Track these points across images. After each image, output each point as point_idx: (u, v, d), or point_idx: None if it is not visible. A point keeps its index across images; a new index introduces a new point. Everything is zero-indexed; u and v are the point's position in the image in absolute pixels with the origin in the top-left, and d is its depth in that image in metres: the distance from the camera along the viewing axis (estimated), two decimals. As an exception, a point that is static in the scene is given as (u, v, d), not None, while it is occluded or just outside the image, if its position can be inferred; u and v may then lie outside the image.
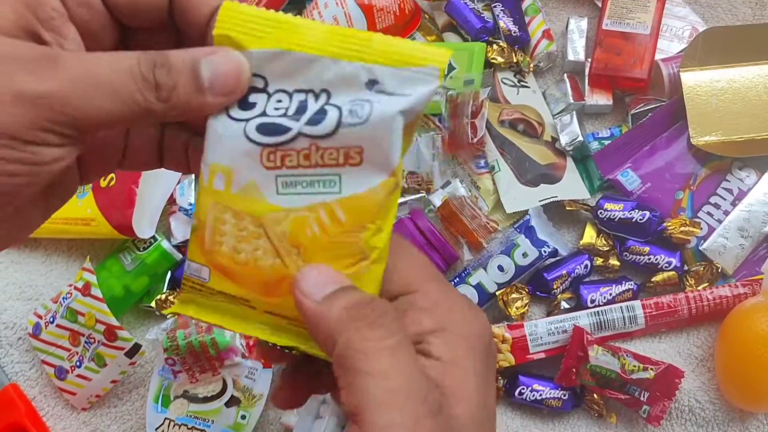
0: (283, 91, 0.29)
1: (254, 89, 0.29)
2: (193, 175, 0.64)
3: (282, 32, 0.28)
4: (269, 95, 0.29)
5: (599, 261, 0.64)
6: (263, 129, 0.28)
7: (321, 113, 0.28)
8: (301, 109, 0.28)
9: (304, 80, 0.28)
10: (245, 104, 0.29)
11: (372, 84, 0.28)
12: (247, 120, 0.29)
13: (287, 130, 0.28)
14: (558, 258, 0.64)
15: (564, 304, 0.63)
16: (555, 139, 0.67)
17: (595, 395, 0.60)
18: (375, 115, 0.28)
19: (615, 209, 0.63)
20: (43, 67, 0.26)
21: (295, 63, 0.28)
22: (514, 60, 0.69)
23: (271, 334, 0.30)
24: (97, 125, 0.27)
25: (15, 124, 0.25)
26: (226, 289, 0.30)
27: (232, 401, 0.62)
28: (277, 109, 0.28)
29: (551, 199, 0.63)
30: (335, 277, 0.28)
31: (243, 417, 0.61)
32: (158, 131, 0.33)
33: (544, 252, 0.63)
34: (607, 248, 0.64)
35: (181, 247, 0.66)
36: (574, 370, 0.60)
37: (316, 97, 0.28)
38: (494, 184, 0.65)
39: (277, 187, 0.29)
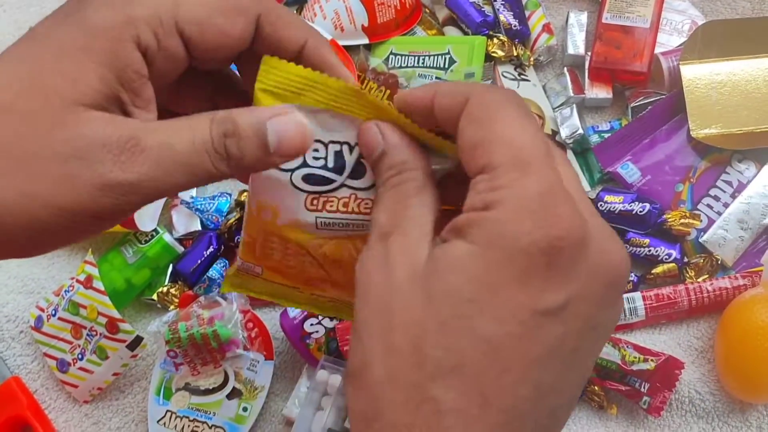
0: (320, 141, 0.31)
1: None
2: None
3: (317, 91, 0.30)
4: None
5: (599, 253, 0.64)
6: (309, 179, 0.31)
7: (360, 166, 0.31)
8: (339, 161, 0.31)
9: (338, 134, 0.31)
10: None
11: None
12: (293, 170, 0.31)
13: (331, 181, 0.31)
14: (558, 250, 0.64)
15: (564, 296, 0.63)
16: (555, 132, 0.67)
17: (595, 386, 0.60)
18: None
19: (615, 201, 0.63)
20: (127, 154, 0.27)
21: (330, 119, 0.31)
22: (515, 54, 0.69)
23: (316, 308, 0.37)
24: (170, 193, 0.29)
25: (97, 206, 0.27)
26: (278, 280, 0.35)
27: (234, 393, 0.62)
28: (316, 158, 0.31)
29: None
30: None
31: (244, 409, 0.62)
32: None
33: (545, 244, 0.63)
34: (608, 240, 0.64)
35: (183, 240, 0.66)
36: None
37: (351, 149, 0.31)
38: (495, 176, 0.65)
39: (317, 224, 0.32)
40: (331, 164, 0.31)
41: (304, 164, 0.31)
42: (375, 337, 0.26)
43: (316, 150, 0.31)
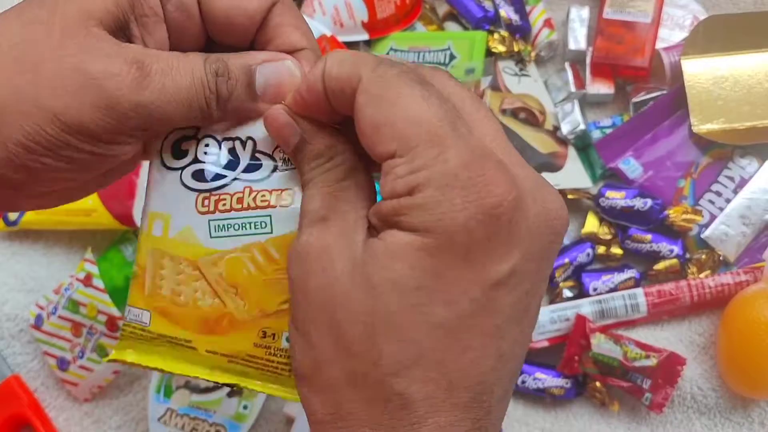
0: (212, 136, 0.30)
1: (185, 137, 0.31)
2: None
3: None
4: (198, 140, 0.30)
5: (601, 249, 0.64)
6: (199, 176, 0.30)
7: (256, 160, 0.30)
8: (233, 157, 0.30)
9: (232, 131, 0.30)
10: (178, 152, 0.30)
11: None
12: (183, 168, 0.30)
13: (223, 177, 0.30)
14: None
15: (566, 293, 0.63)
16: (556, 128, 0.67)
17: (597, 383, 0.60)
18: None
19: (617, 197, 0.63)
20: (134, 75, 0.28)
21: None
22: (515, 49, 0.69)
23: (210, 374, 0.31)
24: (164, 127, 0.30)
25: (100, 129, 0.28)
26: (167, 332, 0.31)
27: (234, 392, 0.62)
28: (207, 154, 0.30)
29: (553, 188, 0.63)
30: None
31: (245, 407, 0.61)
32: None
33: (546, 240, 0.62)
34: (609, 236, 0.64)
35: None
36: (576, 358, 0.60)
37: (244, 144, 0.30)
38: (496, 173, 0.65)
39: (210, 231, 0.30)
40: (224, 161, 0.30)
41: (195, 160, 0.30)
42: (323, 334, 0.26)
43: (207, 145, 0.30)
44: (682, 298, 0.61)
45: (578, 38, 0.69)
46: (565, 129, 0.66)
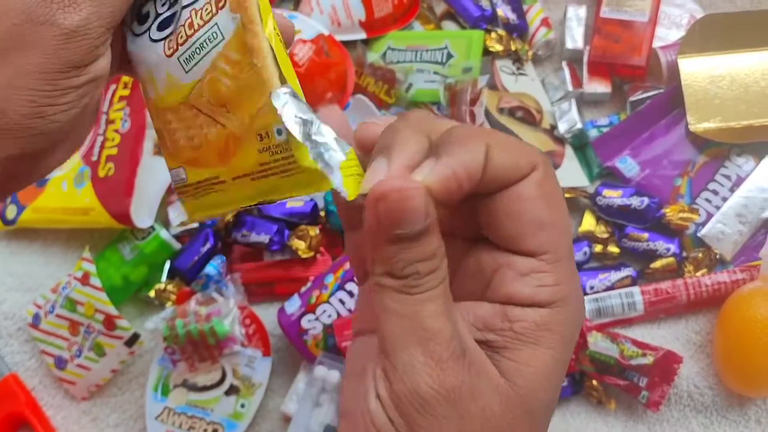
0: None
1: (144, 2, 0.32)
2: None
3: None
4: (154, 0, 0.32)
5: (598, 248, 0.64)
6: (161, 25, 0.31)
7: None
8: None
9: None
10: (141, 17, 0.32)
11: None
12: (149, 28, 0.31)
13: (174, 15, 0.31)
14: (557, 245, 0.64)
15: (563, 291, 0.63)
16: (554, 127, 0.67)
17: (594, 382, 0.60)
18: None
19: (614, 196, 0.63)
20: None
21: None
22: (513, 48, 0.69)
23: (248, 198, 0.31)
24: (118, 18, 0.30)
25: (75, 55, 0.28)
26: (200, 177, 0.32)
27: (232, 390, 0.62)
28: (164, 4, 0.31)
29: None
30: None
31: (242, 406, 0.61)
32: None
33: (543, 239, 0.63)
34: (606, 235, 0.64)
35: (180, 236, 0.66)
36: (573, 356, 0.60)
37: None
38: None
39: (183, 67, 0.30)
40: (173, 2, 0.31)
41: (157, 15, 0.31)
42: None
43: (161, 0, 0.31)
44: (679, 296, 0.61)
45: (575, 37, 0.69)
46: (562, 128, 0.66)
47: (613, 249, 0.64)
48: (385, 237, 0.24)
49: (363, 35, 0.70)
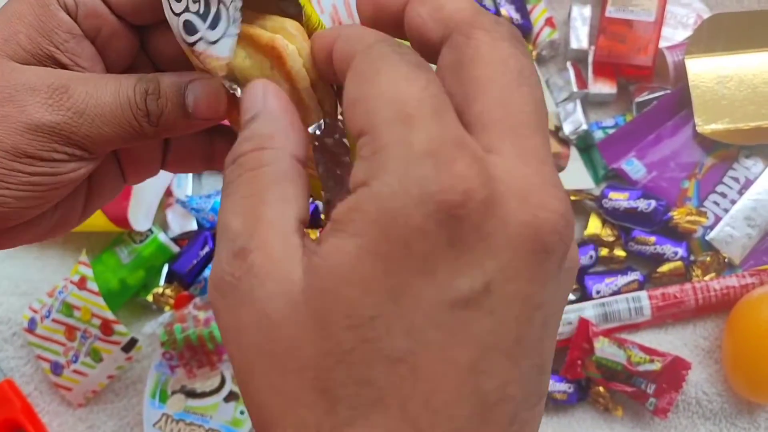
0: None
1: None
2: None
3: None
4: None
5: (604, 251, 0.63)
6: (186, 28, 0.28)
7: (218, 15, 0.27)
8: (206, 3, 0.27)
9: None
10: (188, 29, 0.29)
11: None
12: (179, 14, 0.28)
13: (197, 31, 0.28)
14: (562, 249, 0.63)
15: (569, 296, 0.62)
16: (558, 128, 0.66)
17: (600, 388, 0.59)
18: None
19: (620, 198, 0.62)
20: (55, 98, 0.29)
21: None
22: (516, 48, 0.68)
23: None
24: (101, 146, 0.30)
25: (30, 147, 0.29)
26: None
27: (231, 396, 0.61)
28: (195, 2, 0.28)
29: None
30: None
31: (242, 412, 0.61)
32: (205, 137, 0.35)
33: (548, 242, 0.62)
34: (613, 238, 0.63)
35: (178, 240, 0.65)
36: (579, 362, 0.59)
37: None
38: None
39: None
40: (202, 9, 0.28)
41: (187, 9, 0.28)
42: (265, 390, 0.22)
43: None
44: (687, 301, 0.60)
45: (580, 37, 0.68)
46: (567, 129, 0.65)
47: (620, 253, 0.63)
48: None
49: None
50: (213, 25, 0.27)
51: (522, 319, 0.21)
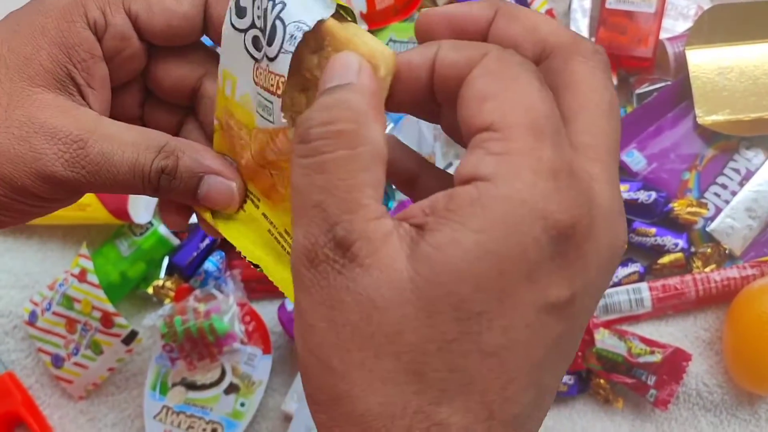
0: None
1: None
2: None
3: None
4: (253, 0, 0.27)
5: (604, 243, 0.63)
6: (256, 42, 0.27)
7: (273, 30, 0.26)
8: (264, 19, 0.26)
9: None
10: (240, 10, 0.28)
11: None
12: (245, 31, 0.28)
13: (262, 47, 0.27)
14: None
15: (569, 287, 0.62)
16: (558, 120, 0.66)
17: (601, 380, 0.59)
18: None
19: (621, 190, 0.61)
20: (71, 153, 0.30)
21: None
22: (517, 40, 0.68)
23: (250, 250, 0.31)
24: (106, 185, 0.31)
25: (38, 191, 0.30)
26: (247, 184, 0.32)
27: (231, 388, 0.61)
28: (259, 17, 0.27)
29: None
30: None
31: (242, 404, 0.60)
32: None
33: (549, 234, 0.61)
34: (613, 230, 0.63)
35: (179, 232, 0.65)
36: (579, 353, 0.59)
37: (274, 4, 0.26)
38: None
39: (255, 104, 0.28)
40: (262, 24, 0.27)
41: (252, 25, 0.27)
42: (353, 366, 0.22)
43: (259, 7, 0.26)
44: (688, 292, 0.60)
45: (580, 29, 0.68)
46: (567, 121, 0.65)
47: (620, 244, 0.63)
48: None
49: (364, 27, 0.69)
50: (270, 41, 0.26)
51: (580, 328, 0.24)
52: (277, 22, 0.25)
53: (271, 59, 0.26)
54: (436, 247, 0.21)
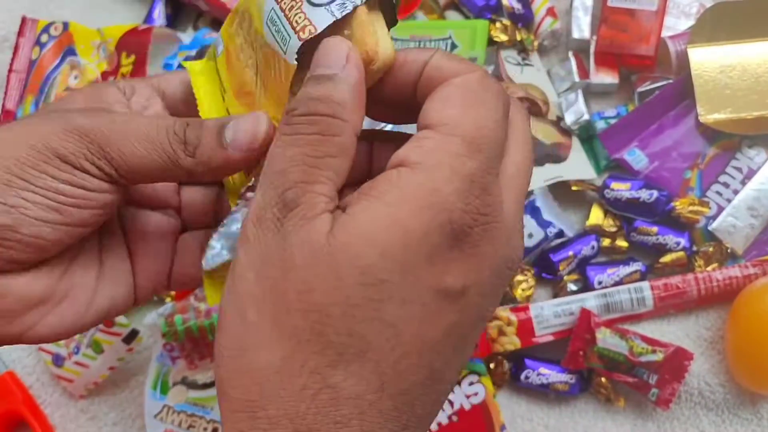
0: None
1: None
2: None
3: None
4: None
5: (606, 242, 0.62)
6: None
7: None
8: None
9: None
10: None
11: None
12: None
13: None
14: (564, 239, 0.62)
15: (570, 286, 0.61)
16: (560, 118, 0.65)
17: (602, 379, 0.59)
18: None
19: (622, 189, 0.61)
20: (95, 112, 0.30)
21: None
22: (518, 38, 0.68)
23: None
24: (132, 169, 0.30)
25: (64, 149, 0.29)
26: (222, 71, 0.33)
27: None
28: None
29: (557, 179, 0.62)
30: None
31: (243, 404, 0.60)
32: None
33: (550, 233, 0.61)
34: (615, 229, 0.62)
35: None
36: (581, 353, 0.59)
37: None
38: (498, 164, 0.64)
39: (265, 15, 0.29)
40: None
41: None
42: (266, 319, 0.24)
43: None
44: (689, 291, 0.60)
45: (582, 27, 0.67)
46: (568, 119, 0.65)
47: (622, 243, 0.62)
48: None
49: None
50: None
51: (474, 324, 0.26)
52: None
53: (312, 3, 0.27)
54: (351, 215, 0.24)
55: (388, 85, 0.28)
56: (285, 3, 0.28)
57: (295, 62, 0.28)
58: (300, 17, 0.27)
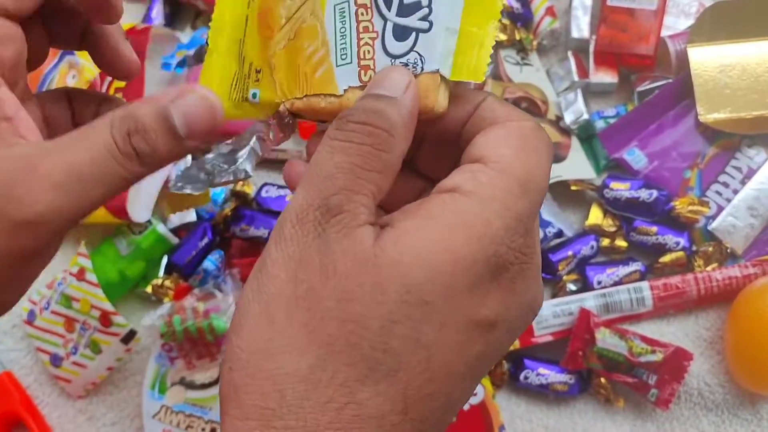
0: None
1: None
2: (189, 157, 0.63)
3: None
4: None
5: (606, 242, 0.62)
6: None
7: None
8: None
9: None
10: None
11: None
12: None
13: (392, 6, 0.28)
14: (563, 239, 0.62)
15: (570, 286, 0.61)
16: (559, 118, 0.65)
17: (602, 379, 0.59)
18: None
19: (621, 188, 0.61)
20: (26, 185, 0.25)
21: None
22: (517, 38, 0.68)
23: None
24: (90, 212, 0.27)
25: (20, 247, 0.26)
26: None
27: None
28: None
29: (556, 179, 0.62)
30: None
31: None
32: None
33: (549, 232, 0.61)
34: (614, 228, 0.62)
35: (178, 231, 0.65)
36: (580, 353, 0.58)
37: None
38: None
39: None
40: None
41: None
42: (296, 323, 0.23)
43: None
44: (689, 291, 0.60)
45: (581, 26, 0.67)
46: (568, 119, 0.64)
47: (621, 243, 0.62)
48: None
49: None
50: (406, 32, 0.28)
51: (494, 359, 0.26)
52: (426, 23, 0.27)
53: (385, 50, 0.27)
54: (401, 231, 0.24)
55: (433, 127, 0.28)
56: (363, 15, 0.28)
57: (342, 93, 0.28)
58: (368, 51, 0.28)
